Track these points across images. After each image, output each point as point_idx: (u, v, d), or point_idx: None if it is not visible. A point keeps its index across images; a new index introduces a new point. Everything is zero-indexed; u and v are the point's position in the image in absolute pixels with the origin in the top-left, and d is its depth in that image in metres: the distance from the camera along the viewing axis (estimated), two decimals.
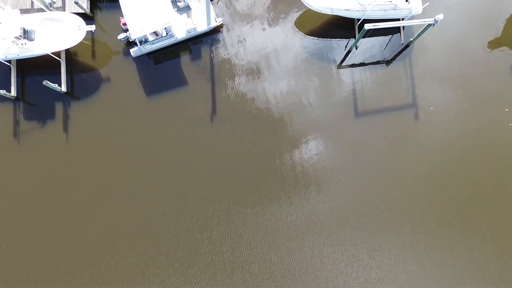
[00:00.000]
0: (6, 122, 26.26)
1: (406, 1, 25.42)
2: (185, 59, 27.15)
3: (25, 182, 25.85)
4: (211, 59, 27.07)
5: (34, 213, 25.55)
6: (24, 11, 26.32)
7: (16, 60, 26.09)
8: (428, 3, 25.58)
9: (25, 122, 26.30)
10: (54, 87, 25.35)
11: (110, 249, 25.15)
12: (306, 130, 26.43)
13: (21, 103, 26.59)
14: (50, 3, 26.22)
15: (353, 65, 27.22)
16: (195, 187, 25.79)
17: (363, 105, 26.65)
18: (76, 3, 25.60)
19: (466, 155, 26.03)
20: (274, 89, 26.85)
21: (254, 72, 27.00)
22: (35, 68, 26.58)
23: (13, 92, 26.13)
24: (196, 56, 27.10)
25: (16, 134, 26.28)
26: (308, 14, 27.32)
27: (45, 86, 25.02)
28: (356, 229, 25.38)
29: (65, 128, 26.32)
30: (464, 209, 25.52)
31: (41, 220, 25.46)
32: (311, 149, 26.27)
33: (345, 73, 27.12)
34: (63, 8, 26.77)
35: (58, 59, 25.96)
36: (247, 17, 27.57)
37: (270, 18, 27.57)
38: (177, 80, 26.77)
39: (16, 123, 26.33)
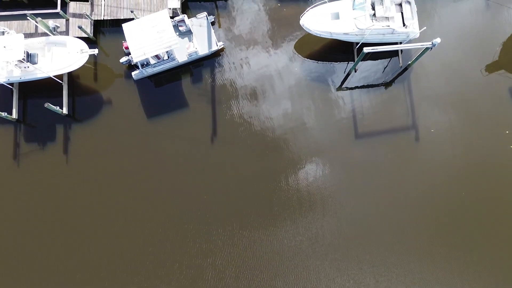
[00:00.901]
0: (7, 145, 26.04)
1: (404, 25, 25.95)
2: (186, 81, 27.34)
3: (24, 205, 25.34)
4: (212, 82, 27.27)
5: (33, 237, 24.90)
6: (28, 35, 26.57)
7: (19, 83, 26.15)
8: (425, 27, 26.15)
9: (25, 144, 26.07)
10: (55, 110, 25.30)
11: (111, 276, 24.38)
12: (307, 152, 26.37)
13: (22, 126, 26.44)
14: (54, 28, 26.58)
15: (352, 88, 27.51)
16: (198, 211, 25.37)
17: (363, 126, 26.75)
18: (80, 27, 25.97)
19: (468, 177, 25.94)
20: (275, 111, 26.95)
21: (254, 95, 27.17)
22: (37, 91, 26.59)
23: (15, 115, 26.03)
24: (197, 79, 27.31)
25: (16, 156, 25.98)
26: (308, 38, 27.77)
27: (46, 108, 24.98)
28: (361, 253, 24.90)
29: (65, 151, 26.08)
30: (470, 232, 25.21)
31: (40, 244, 24.80)
32: (314, 171, 26.13)
33: (345, 95, 27.37)
34: (66, 32, 27.09)
35: (61, 82, 26.03)
36: (248, 41, 27.99)
37: (270, 42, 27.99)
38: (178, 103, 26.85)
39: (17, 145, 26.08)
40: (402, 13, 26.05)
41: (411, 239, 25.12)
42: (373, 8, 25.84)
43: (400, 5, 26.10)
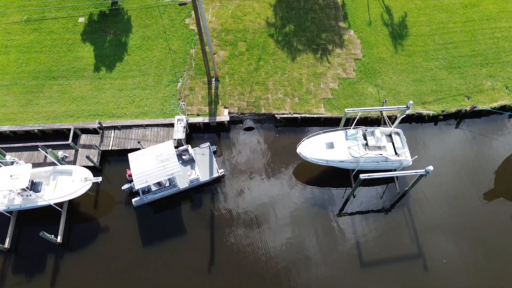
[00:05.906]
0: None
1: (396, 154, 27.14)
2: (185, 207, 27.30)
3: None
4: (212, 208, 27.21)
5: None
6: (36, 164, 27.64)
7: (17, 210, 26.10)
8: (416, 156, 27.31)
9: (12, 276, 24.67)
10: (50, 238, 24.67)
11: None
12: (310, 283, 24.69)
13: (13, 255, 25.43)
14: (63, 158, 27.77)
15: (352, 213, 27.29)
16: None
17: (367, 254, 25.64)
18: (88, 157, 27.16)
19: None
20: (275, 240, 26.19)
21: (254, 222, 26.81)
22: (34, 218, 26.40)
23: (7, 244, 25.31)
24: (196, 205, 27.33)
25: None
26: (305, 165, 28.74)
27: (40, 236, 24.39)
28: None
29: (53, 283, 24.50)
30: None
31: None
32: None
33: (345, 222, 26.95)
34: (74, 161, 28.24)
35: (60, 209, 26.01)
36: (247, 169, 28.89)
37: (269, 170, 28.86)
38: (176, 229, 26.34)
39: (3, 277, 24.66)
40: (393, 143, 27.49)
41: None
42: (365, 138, 27.42)
43: (390, 136, 27.75)
